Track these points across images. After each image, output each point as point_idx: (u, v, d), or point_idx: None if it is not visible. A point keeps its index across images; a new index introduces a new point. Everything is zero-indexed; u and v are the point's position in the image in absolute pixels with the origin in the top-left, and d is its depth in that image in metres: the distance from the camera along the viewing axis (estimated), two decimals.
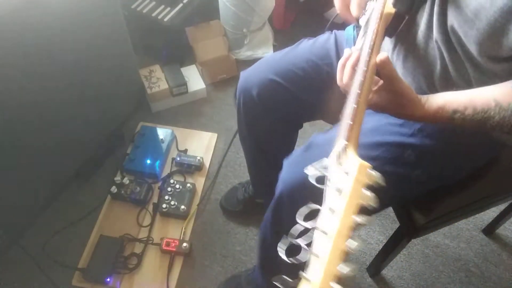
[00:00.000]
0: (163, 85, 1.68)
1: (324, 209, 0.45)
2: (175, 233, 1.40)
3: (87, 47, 1.27)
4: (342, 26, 1.00)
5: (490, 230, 1.44)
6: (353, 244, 0.41)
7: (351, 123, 0.54)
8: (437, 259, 1.39)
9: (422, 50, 0.75)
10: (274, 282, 0.47)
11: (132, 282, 1.31)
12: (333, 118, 1.16)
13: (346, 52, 0.67)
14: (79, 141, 1.42)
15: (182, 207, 1.42)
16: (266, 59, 1.06)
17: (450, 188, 0.95)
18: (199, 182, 1.54)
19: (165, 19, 1.72)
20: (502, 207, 1.31)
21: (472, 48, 0.67)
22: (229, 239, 1.42)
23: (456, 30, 0.67)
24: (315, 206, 0.48)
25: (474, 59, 0.69)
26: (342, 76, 0.67)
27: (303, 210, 0.49)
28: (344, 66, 0.67)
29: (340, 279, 0.40)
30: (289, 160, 0.88)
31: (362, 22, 0.78)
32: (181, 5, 1.77)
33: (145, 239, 1.38)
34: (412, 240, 1.08)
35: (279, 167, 1.23)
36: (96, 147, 1.53)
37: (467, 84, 0.73)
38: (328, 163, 0.51)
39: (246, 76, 1.06)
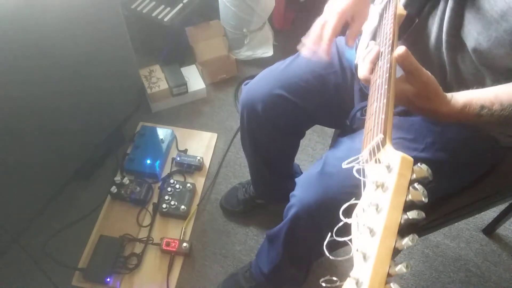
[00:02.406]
0: (163, 85, 1.68)
1: (365, 206, 0.43)
2: (175, 233, 1.40)
3: (86, 47, 1.27)
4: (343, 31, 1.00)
5: (490, 230, 1.44)
6: (405, 242, 0.38)
7: (383, 117, 0.51)
8: (437, 259, 1.39)
9: (434, 56, 0.75)
10: (322, 283, 0.44)
11: (132, 282, 1.31)
12: (336, 124, 1.17)
13: (370, 44, 0.66)
14: (79, 141, 1.42)
15: (182, 207, 1.42)
16: (269, 71, 1.03)
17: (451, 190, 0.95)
18: (199, 182, 1.54)
19: (165, 19, 1.72)
20: (502, 207, 1.31)
21: (498, 52, 0.65)
22: (229, 239, 1.42)
23: (474, 35, 0.66)
24: (355, 202, 0.45)
25: (491, 63, 0.67)
26: (362, 70, 0.66)
27: (345, 206, 0.46)
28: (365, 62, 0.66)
29: (391, 278, 0.37)
30: (303, 180, 0.87)
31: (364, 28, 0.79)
32: (181, 5, 1.77)
33: (145, 239, 1.38)
34: None
35: (281, 172, 1.23)
36: (96, 147, 1.53)
37: (482, 86, 0.71)
38: (365, 165, 0.48)
39: (249, 90, 1.04)
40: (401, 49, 0.58)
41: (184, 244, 1.34)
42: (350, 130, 0.95)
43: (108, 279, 1.28)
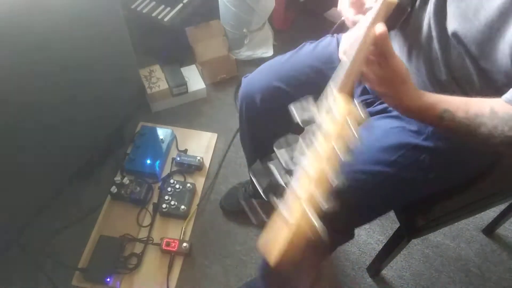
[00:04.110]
0: (163, 85, 1.68)
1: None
2: (175, 233, 1.40)
3: (87, 47, 1.27)
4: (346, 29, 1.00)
5: (490, 230, 1.44)
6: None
7: (345, 72, 0.52)
8: (437, 259, 1.39)
9: (425, 49, 0.75)
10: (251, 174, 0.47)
11: (132, 282, 1.31)
12: None
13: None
14: (79, 141, 1.41)
15: (182, 207, 1.42)
16: (268, 64, 1.04)
17: (450, 189, 0.95)
18: (199, 182, 1.54)
19: (165, 19, 1.72)
20: (502, 207, 1.31)
21: (473, 49, 0.66)
22: (229, 239, 1.42)
23: (456, 30, 0.66)
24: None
25: (477, 61, 0.68)
26: (345, 47, 0.66)
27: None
28: (348, 37, 0.66)
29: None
30: None
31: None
32: (181, 5, 1.77)
33: (145, 239, 1.38)
34: (412, 240, 1.08)
35: None
36: (96, 147, 1.53)
37: (472, 85, 0.72)
38: (317, 115, 0.50)
39: (248, 82, 1.04)
40: (381, 27, 0.58)
41: (184, 244, 1.34)
42: None
43: (108, 279, 1.28)
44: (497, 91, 0.66)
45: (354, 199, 0.81)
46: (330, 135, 0.42)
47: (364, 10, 0.79)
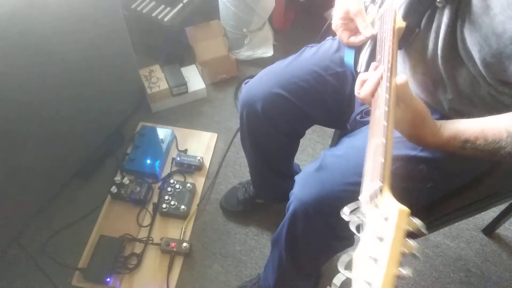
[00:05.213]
0: (163, 85, 1.68)
1: (364, 256, 0.44)
2: (175, 233, 1.40)
3: (87, 47, 1.28)
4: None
5: (490, 230, 1.44)
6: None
7: (383, 160, 0.51)
8: (437, 259, 1.39)
9: (431, 67, 0.75)
10: None
11: (132, 282, 1.31)
12: (334, 125, 1.17)
13: (371, 66, 0.67)
14: (79, 141, 1.42)
15: (182, 207, 1.42)
16: (269, 70, 1.03)
17: (450, 190, 0.95)
18: (199, 182, 1.54)
19: (165, 19, 1.72)
20: (502, 207, 1.31)
21: (489, 71, 0.66)
22: (229, 239, 1.42)
23: (477, 48, 0.66)
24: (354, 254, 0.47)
25: (499, 72, 0.68)
26: (360, 89, 0.67)
27: (344, 258, 0.47)
28: (363, 81, 0.66)
29: None
30: (301, 178, 0.88)
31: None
32: (181, 5, 1.77)
33: (145, 239, 1.38)
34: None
35: (281, 172, 1.23)
36: (96, 147, 1.53)
37: (479, 99, 0.73)
38: (363, 206, 0.49)
39: (249, 88, 1.03)
40: (402, 78, 0.61)
41: (184, 244, 1.34)
42: (351, 132, 0.95)
43: (108, 279, 1.28)
44: (505, 109, 0.68)
45: None
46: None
47: (354, 28, 0.80)
